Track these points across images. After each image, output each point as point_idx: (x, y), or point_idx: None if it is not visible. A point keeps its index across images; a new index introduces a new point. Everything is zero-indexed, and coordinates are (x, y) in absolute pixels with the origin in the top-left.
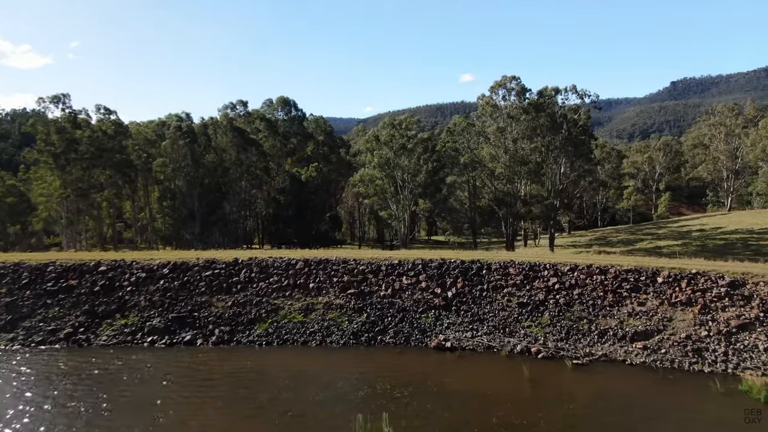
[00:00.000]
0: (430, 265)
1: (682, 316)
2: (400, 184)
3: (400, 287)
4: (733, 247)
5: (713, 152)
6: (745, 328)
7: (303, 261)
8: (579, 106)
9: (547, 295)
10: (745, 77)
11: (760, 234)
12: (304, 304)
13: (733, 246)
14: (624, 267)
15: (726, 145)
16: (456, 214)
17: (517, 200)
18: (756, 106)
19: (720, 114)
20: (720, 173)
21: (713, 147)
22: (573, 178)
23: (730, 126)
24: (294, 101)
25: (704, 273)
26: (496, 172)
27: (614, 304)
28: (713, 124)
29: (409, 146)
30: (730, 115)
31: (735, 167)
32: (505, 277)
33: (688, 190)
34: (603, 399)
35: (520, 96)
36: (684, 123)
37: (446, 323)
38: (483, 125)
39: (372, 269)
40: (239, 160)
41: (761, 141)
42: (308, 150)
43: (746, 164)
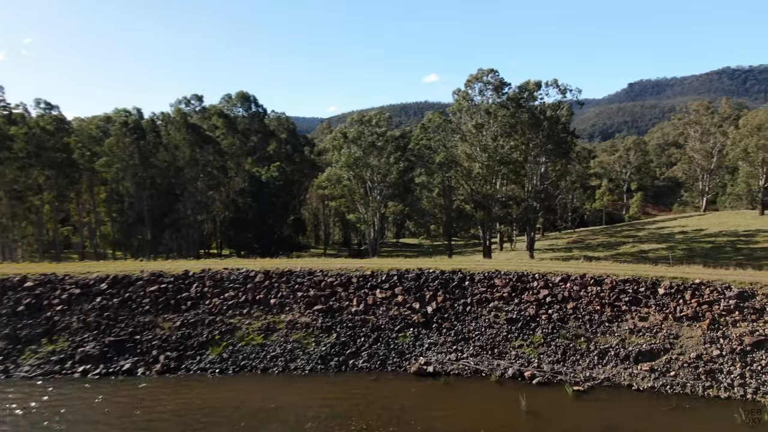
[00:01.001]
0: (407, 276)
1: (690, 332)
2: (370, 185)
3: (374, 302)
4: (722, 250)
5: (689, 151)
6: (760, 346)
7: (263, 273)
8: (560, 102)
9: (539, 310)
10: (699, 79)
11: (746, 236)
12: (264, 324)
13: (722, 249)
14: (620, 277)
15: (701, 144)
16: (429, 217)
17: (495, 202)
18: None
19: (695, 112)
20: (695, 173)
21: (689, 146)
22: (554, 179)
23: (705, 124)
24: (254, 97)
25: (708, 283)
26: (473, 172)
27: (613, 319)
28: (688, 122)
29: (380, 144)
30: (705, 113)
31: (710, 166)
32: (490, 289)
33: (654, 190)
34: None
35: (498, 91)
36: (641, 123)
37: (427, 343)
38: (459, 122)
39: (341, 282)
40: (194, 159)
41: (742, 140)
42: (270, 149)
43: (721, 163)
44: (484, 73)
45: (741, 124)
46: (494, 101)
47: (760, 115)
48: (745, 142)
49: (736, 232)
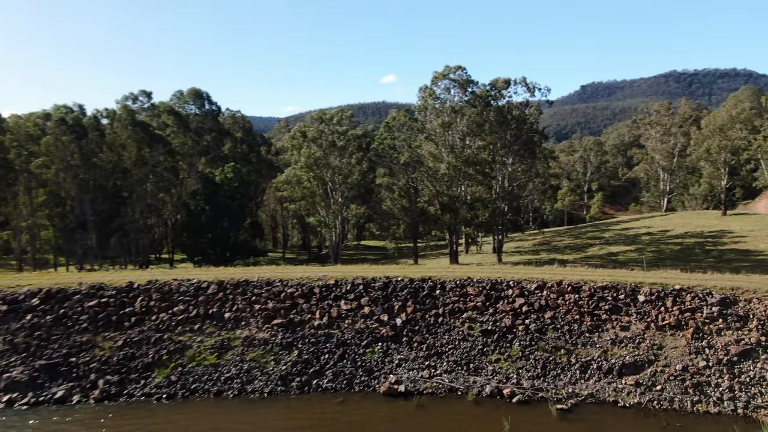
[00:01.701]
0: (373, 285)
1: (674, 342)
2: (331, 186)
3: (338, 314)
4: (692, 252)
5: (650, 152)
6: (747, 356)
7: (216, 284)
8: (528, 101)
9: (515, 320)
10: (647, 82)
11: (713, 237)
12: (218, 341)
13: (691, 251)
14: (598, 283)
15: (662, 145)
16: (393, 220)
17: (463, 204)
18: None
19: (656, 113)
20: (656, 173)
21: (650, 146)
22: (522, 180)
23: (666, 125)
24: (207, 94)
25: (689, 289)
26: (440, 173)
27: (594, 329)
28: (649, 123)
29: (341, 143)
30: (666, 113)
31: (671, 167)
32: (462, 298)
33: (610, 190)
34: None
35: (465, 88)
36: (594, 124)
37: (397, 359)
38: (425, 120)
39: (303, 292)
40: (142, 159)
41: (705, 140)
42: (224, 148)
43: (681, 164)
44: (451, 70)
45: (703, 124)
46: (461, 99)
47: (723, 115)
48: (708, 143)
49: (702, 233)
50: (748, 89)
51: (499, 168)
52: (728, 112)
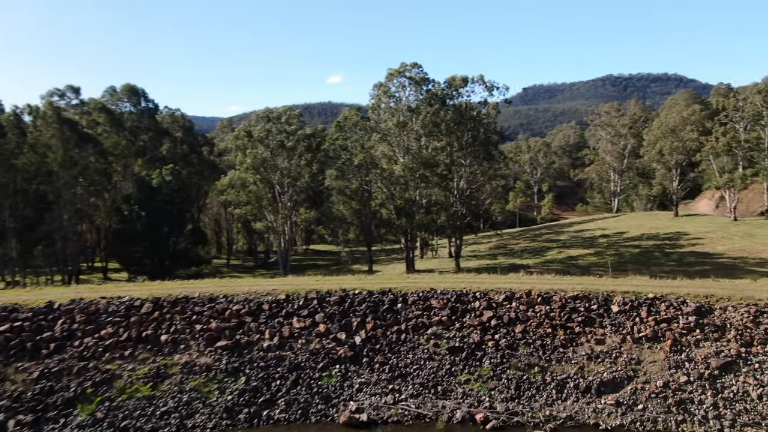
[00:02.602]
0: (329, 299)
1: (652, 355)
2: (279, 189)
3: (291, 334)
4: (652, 255)
5: (601, 153)
6: (728, 369)
7: (152, 302)
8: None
9: (484, 335)
10: (585, 85)
11: (669, 239)
12: (152, 368)
13: (651, 255)
14: (569, 293)
15: (613, 146)
16: (346, 225)
17: (419, 208)
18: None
19: (607, 114)
20: (607, 174)
21: (601, 148)
22: (481, 182)
23: (616, 126)
24: (143, 90)
25: (663, 297)
26: (395, 175)
27: (568, 344)
28: (600, 124)
29: (290, 144)
30: (616, 115)
31: (621, 168)
32: (426, 312)
33: (557, 190)
34: None
35: (420, 86)
36: (536, 126)
37: (357, 383)
38: (379, 120)
39: (250, 309)
40: (70, 160)
41: (657, 142)
42: (162, 149)
43: (631, 165)
44: (407, 67)
45: (655, 126)
46: (417, 98)
47: (674, 117)
48: (660, 144)
49: (658, 235)
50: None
51: (456, 170)
52: (680, 113)
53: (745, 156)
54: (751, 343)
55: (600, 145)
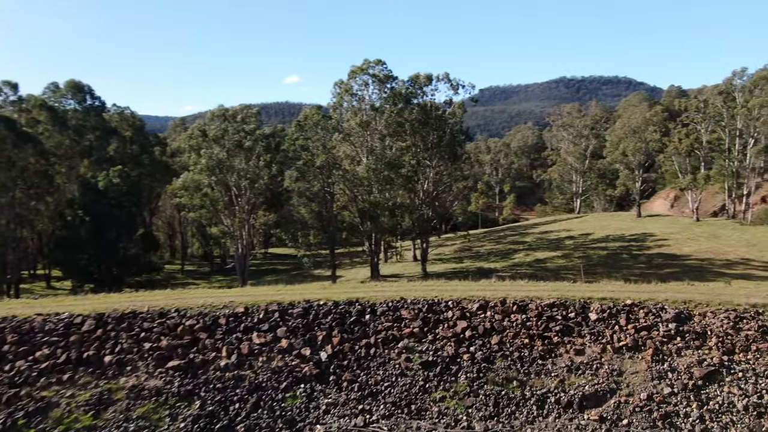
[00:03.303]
0: (291, 312)
1: (633, 366)
2: (236, 192)
3: (250, 351)
4: (620, 258)
5: (563, 154)
6: (712, 379)
7: (94, 318)
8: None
9: (458, 348)
10: (540, 87)
11: (636, 241)
12: (95, 394)
13: (619, 257)
14: (545, 300)
15: (575, 147)
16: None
17: (384, 211)
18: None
19: (569, 114)
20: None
21: (563, 148)
22: (448, 183)
23: (578, 127)
24: (89, 87)
25: (641, 304)
26: (359, 177)
27: (546, 355)
28: (562, 125)
29: (248, 144)
30: (578, 116)
31: (583, 168)
32: (397, 323)
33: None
34: None
35: (384, 84)
36: (492, 127)
37: (324, 404)
38: (341, 119)
39: (205, 324)
40: (8, 162)
41: (620, 142)
42: (110, 149)
43: (593, 166)
44: (370, 64)
45: (618, 126)
46: (380, 96)
47: (637, 117)
48: (623, 145)
49: (624, 236)
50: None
51: (422, 171)
52: (642, 114)
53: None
54: (733, 351)
55: (562, 146)
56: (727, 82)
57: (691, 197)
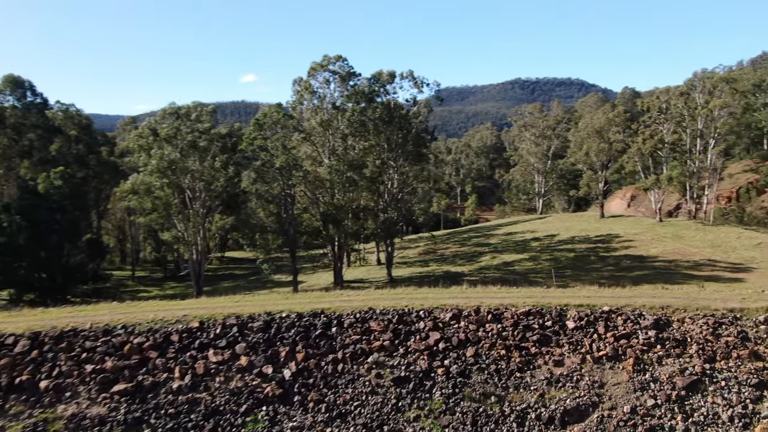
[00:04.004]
0: (251, 325)
1: (615, 377)
2: (190, 195)
3: (206, 370)
4: (588, 260)
5: (525, 154)
6: (695, 389)
7: (29, 337)
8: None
9: (432, 361)
10: (495, 88)
11: (601, 242)
12: (28, 425)
13: (587, 259)
14: (520, 308)
15: (537, 147)
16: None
17: (347, 214)
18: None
19: (530, 115)
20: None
21: (525, 149)
22: (414, 185)
23: (540, 127)
24: (30, 83)
25: (618, 310)
26: (321, 178)
27: (524, 367)
28: (524, 125)
29: (203, 144)
30: (540, 116)
31: (546, 169)
32: (366, 336)
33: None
34: None
35: (346, 81)
36: (449, 127)
37: (289, 428)
38: (301, 118)
39: (156, 342)
40: None
41: (583, 143)
42: (53, 149)
43: (555, 166)
44: (330, 60)
45: (581, 126)
46: (342, 94)
47: (600, 118)
48: (587, 146)
49: (590, 237)
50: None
51: (386, 172)
52: (605, 114)
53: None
54: (714, 358)
55: (524, 146)
56: (688, 83)
57: (654, 198)
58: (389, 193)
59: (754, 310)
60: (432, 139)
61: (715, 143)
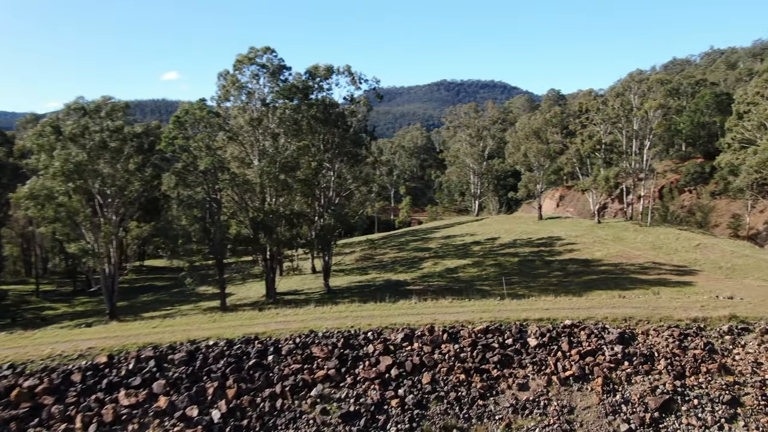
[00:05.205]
0: (172, 357)
1: (584, 400)
2: (101, 201)
3: (116, 417)
4: (533, 265)
5: (461, 156)
6: (668, 409)
7: None
8: (353, 95)
9: (384, 391)
10: (422, 89)
11: (544, 246)
12: None
13: (533, 264)
14: (477, 325)
15: (472, 148)
16: (192, 244)
17: (281, 220)
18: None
19: (465, 115)
20: (467, 176)
21: (461, 150)
22: (353, 188)
23: (476, 128)
24: None
25: (581, 324)
26: (250, 182)
27: (487, 393)
28: (459, 125)
29: (114, 144)
30: (475, 116)
31: (481, 170)
32: (308, 364)
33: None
34: None
35: (276, 76)
36: (378, 127)
37: None
38: (227, 115)
39: (52, 383)
40: None
41: (521, 144)
42: None
43: (491, 167)
44: (258, 52)
45: (518, 127)
46: (272, 89)
47: (539, 119)
48: (525, 147)
49: (531, 240)
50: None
51: (323, 174)
52: (542, 114)
53: (605, 158)
54: (684, 374)
55: (458, 147)
56: (624, 84)
57: (593, 199)
58: (326, 197)
59: (717, 319)
60: (372, 139)
61: (651, 144)
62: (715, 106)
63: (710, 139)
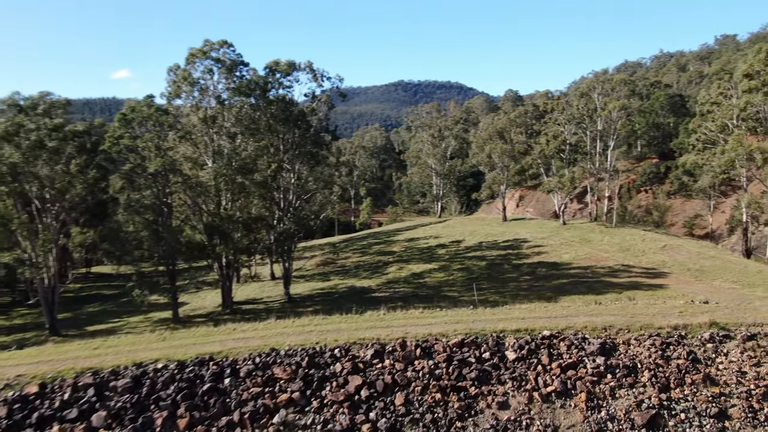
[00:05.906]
0: (115, 384)
1: (568, 417)
2: (39, 206)
3: None
4: (502, 269)
5: (423, 156)
6: (654, 425)
7: None
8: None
9: (354, 415)
10: (379, 90)
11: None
12: None
13: (501, 268)
14: (452, 339)
15: (435, 149)
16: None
17: (237, 226)
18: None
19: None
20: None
21: (424, 150)
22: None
23: (438, 128)
24: None
25: (559, 334)
26: (203, 184)
27: (465, 413)
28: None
29: (53, 144)
30: (437, 116)
31: (444, 170)
32: (269, 386)
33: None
34: None
35: (232, 71)
36: (336, 127)
37: None
38: (179, 113)
39: None
40: None
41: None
42: None
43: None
44: (213, 46)
45: (482, 127)
46: (228, 86)
47: (503, 119)
48: (489, 147)
49: (497, 243)
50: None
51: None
52: (507, 115)
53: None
54: (668, 386)
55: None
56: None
57: (558, 200)
58: (285, 200)
59: (697, 326)
60: (333, 139)
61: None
62: (669, 107)
63: (665, 140)
